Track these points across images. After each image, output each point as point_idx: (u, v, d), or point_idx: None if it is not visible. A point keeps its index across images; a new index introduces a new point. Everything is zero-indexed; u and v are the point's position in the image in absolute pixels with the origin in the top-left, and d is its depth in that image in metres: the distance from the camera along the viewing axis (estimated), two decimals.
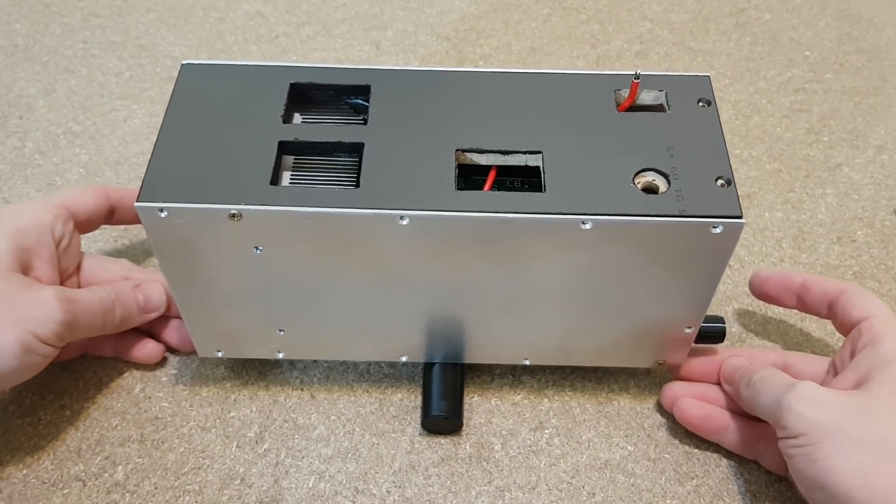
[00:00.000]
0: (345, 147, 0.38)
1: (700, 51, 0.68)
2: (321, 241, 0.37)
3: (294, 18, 0.69)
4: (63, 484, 0.42)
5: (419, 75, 0.41)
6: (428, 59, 0.66)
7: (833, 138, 0.61)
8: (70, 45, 0.66)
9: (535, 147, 0.38)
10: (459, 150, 0.38)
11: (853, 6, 0.72)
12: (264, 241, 0.37)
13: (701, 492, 0.43)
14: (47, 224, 0.42)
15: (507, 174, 0.40)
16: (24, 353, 0.38)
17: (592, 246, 0.37)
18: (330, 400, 0.46)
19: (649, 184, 0.37)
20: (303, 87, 0.41)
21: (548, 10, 0.71)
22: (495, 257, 0.37)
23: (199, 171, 0.36)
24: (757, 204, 0.56)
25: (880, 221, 0.56)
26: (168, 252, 0.38)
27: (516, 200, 0.36)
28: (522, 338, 0.43)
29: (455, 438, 0.45)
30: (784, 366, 0.44)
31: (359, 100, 0.41)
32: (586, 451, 0.44)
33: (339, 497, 0.42)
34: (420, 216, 0.35)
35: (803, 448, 0.36)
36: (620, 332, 0.42)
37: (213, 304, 0.41)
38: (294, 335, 0.43)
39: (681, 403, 0.44)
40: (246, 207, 0.35)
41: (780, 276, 0.46)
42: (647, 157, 0.38)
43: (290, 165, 0.40)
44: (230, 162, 0.37)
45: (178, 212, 0.35)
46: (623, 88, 0.40)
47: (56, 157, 0.58)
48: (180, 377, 0.47)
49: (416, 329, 0.42)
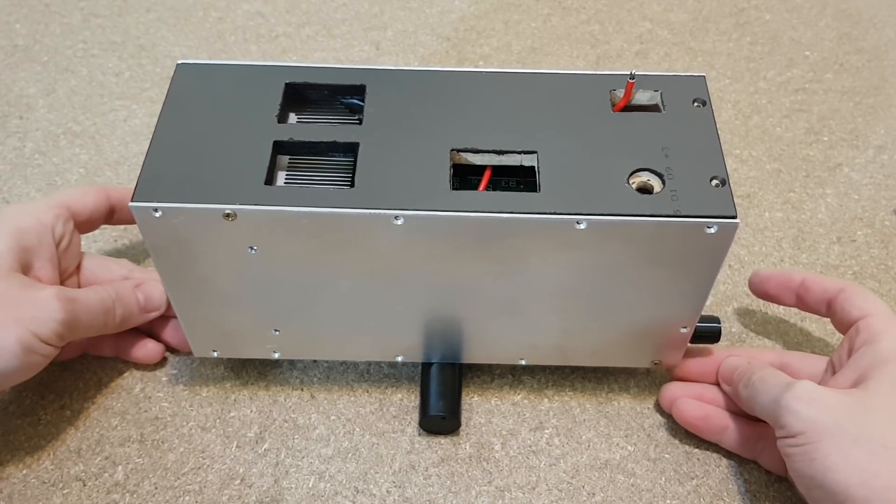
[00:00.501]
0: (340, 147, 0.38)
1: (700, 51, 0.68)
2: (316, 241, 0.37)
3: (294, 18, 0.69)
4: (63, 484, 0.42)
5: (414, 75, 0.41)
6: (428, 59, 0.66)
7: (833, 138, 0.61)
8: (70, 45, 0.66)
9: (530, 147, 0.38)
10: (454, 150, 0.38)
11: (853, 6, 0.72)
12: (259, 240, 0.37)
13: (701, 492, 0.43)
14: (48, 224, 0.42)
15: (502, 174, 0.40)
16: (25, 352, 0.38)
17: (587, 246, 0.37)
18: (330, 400, 0.46)
19: (644, 184, 0.37)
20: (298, 87, 0.41)
21: (548, 10, 0.71)
22: (490, 257, 0.37)
23: (193, 171, 0.36)
24: (757, 204, 0.56)
25: (880, 221, 0.56)
26: (163, 252, 0.38)
27: (511, 200, 0.36)
28: (518, 338, 0.43)
29: (455, 438, 0.45)
30: (782, 365, 0.44)
31: (354, 99, 0.41)
32: (586, 451, 0.44)
33: (339, 497, 0.42)
34: (415, 216, 0.35)
35: (802, 447, 0.36)
36: (616, 332, 0.42)
37: (209, 304, 0.41)
38: (290, 335, 0.43)
39: (679, 404, 0.44)
40: (240, 207, 0.35)
41: (780, 275, 0.46)
42: (641, 157, 0.38)
43: (286, 165, 0.40)
44: (225, 162, 0.37)
45: (172, 211, 0.35)
46: (618, 88, 0.40)
47: (56, 157, 0.58)
48: (180, 377, 0.47)
49: (412, 329, 0.42)
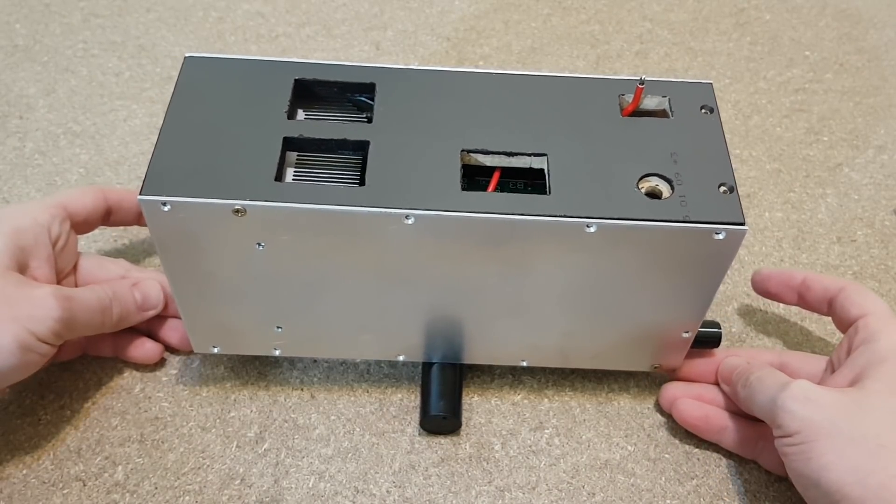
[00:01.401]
0: (349, 145, 0.38)
1: (700, 51, 0.68)
2: (324, 238, 0.37)
3: (294, 18, 0.69)
4: (63, 484, 0.42)
5: (424, 74, 0.41)
6: (428, 59, 0.66)
7: (833, 138, 0.61)
8: (70, 45, 0.66)
9: (539, 149, 0.38)
10: (465, 151, 0.38)
11: (853, 6, 0.72)
12: (267, 237, 0.37)
13: (701, 492, 0.43)
14: (44, 224, 0.42)
15: (511, 176, 0.40)
16: (22, 351, 0.38)
17: (595, 249, 0.37)
18: (330, 400, 0.46)
19: (653, 189, 0.37)
20: (307, 83, 0.40)
21: (548, 10, 0.71)
22: (498, 258, 0.37)
23: (202, 166, 0.36)
24: (757, 204, 0.56)
25: (880, 221, 0.56)
26: (169, 246, 0.37)
27: (522, 202, 0.36)
28: (521, 339, 0.43)
29: (455, 438, 0.45)
30: (782, 365, 0.44)
31: (363, 97, 0.41)
32: (586, 451, 0.44)
33: (339, 497, 0.42)
34: (426, 216, 0.35)
35: (798, 447, 0.36)
36: (619, 336, 0.42)
37: (212, 299, 0.40)
38: (292, 332, 0.43)
39: (679, 404, 0.44)
40: (250, 203, 0.35)
41: (782, 274, 0.46)
42: (650, 162, 0.38)
43: (294, 162, 0.39)
44: (234, 156, 0.37)
45: (181, 206, 0.35)
46: (627, 93, 0.40)
47: (56, 157, 0.58)
48: (180, 377, 0.47)
49: (416, 328, 0.42)
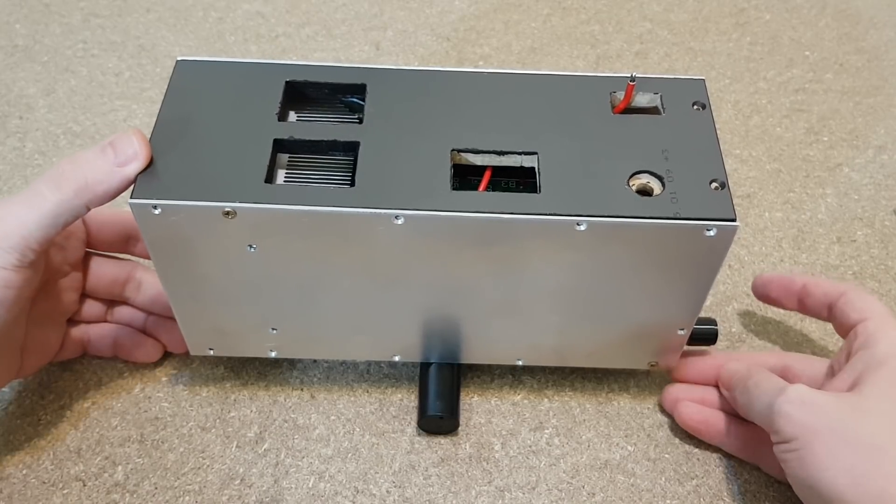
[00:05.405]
0: (340, 146, 0.38)
1: (700, 51, 0.68)
2: (315, 239, 0.37)
3: (294, 18, 0.69)
4: (63, 484, 0.42)
5: (415, 75, 0.41)
6: (428, 59, 0.66)
7: (833, 138, 0.61)
8: (70, 45, 0.66)
9: (530, 148, 0.38)
10: (455, 150, 0.38)
11: (853, 6, 0.72)
12: (258, 239, 0.37)
13: (701, 492, 0.43)
14: None
15: (502, 174, 0.40)
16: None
17: (587, 247, 0.37)
18: (330, 400, 0.46)
19: (644, 186, 0.37)
20: (298, 85, 0.40)
21: (548, 10, 0.71)
22: (490, 258, 0.37)
23: (193, 169, 0.36)
24: (757, 204, 0.56)
25: (880, 221, 0.56)
26: (162, 249, 0.38)
27: (512, 201, 0.36)
28: (516, 338, 0.43)
29: (455, 438, 0.45)
30: (784, 368, 0.44)
31: (354, 98, 0.41)
32: (586, 451, 0.44)
33: (338, 497, 0.42)
34: (415, 216, 0.35)
35: (796, 452, 0.36)
36: (613, 334, 0.42)
37: (206, 302, 0.41)
38: (287, 334, 0.43)
39: (681, 407, 0.44)
40: (240, 205, 0.35)
41: (782, 279, 0.46)
42: (642, 159, 0.38)
43: (285, 163, 0.40)
44: (225, 159, 0.37)
45: (171, 209, 0.35)
46: (618, 91, 0.40)
47: (56, 157, 0.57)
48: (180, 377, 0.47)
49: (411, 329, 0.42)
